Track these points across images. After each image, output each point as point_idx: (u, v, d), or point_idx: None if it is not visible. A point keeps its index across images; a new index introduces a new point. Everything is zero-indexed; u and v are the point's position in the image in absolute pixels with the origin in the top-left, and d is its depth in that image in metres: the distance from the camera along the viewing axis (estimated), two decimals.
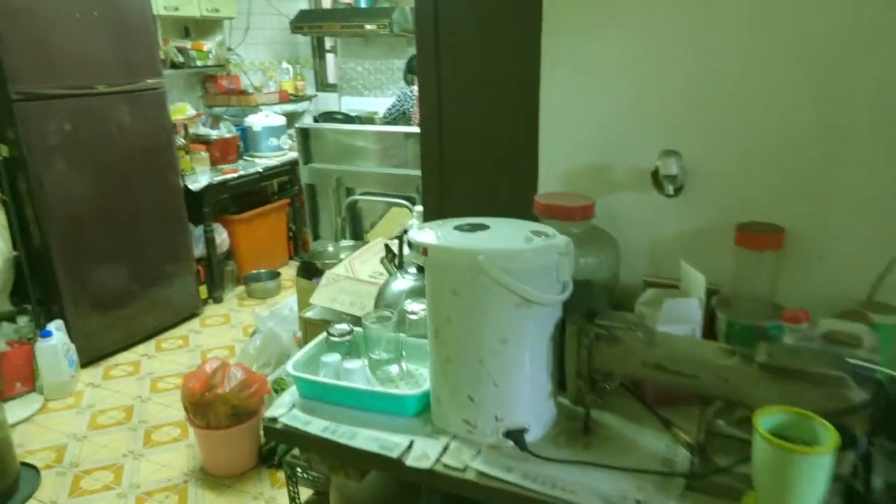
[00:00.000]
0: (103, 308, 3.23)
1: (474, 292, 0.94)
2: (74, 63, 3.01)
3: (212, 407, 2.17)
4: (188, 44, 4.23)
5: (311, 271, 2.79)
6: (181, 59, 4.08)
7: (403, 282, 1.54)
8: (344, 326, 1.38)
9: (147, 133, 3.37)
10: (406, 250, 1.65)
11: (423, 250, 1.03)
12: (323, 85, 5.65)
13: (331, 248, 2.95)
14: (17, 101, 2.81)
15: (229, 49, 4.61)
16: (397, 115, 4.14)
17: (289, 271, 4.48)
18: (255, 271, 4.20)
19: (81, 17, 3.01)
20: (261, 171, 4.16)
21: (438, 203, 1.71)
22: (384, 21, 4.52)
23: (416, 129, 3.76)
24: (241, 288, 4.17)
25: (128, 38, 3.22)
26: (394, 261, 1.67)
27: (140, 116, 3.32)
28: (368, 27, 4.57)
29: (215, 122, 4.52)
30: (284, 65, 4.91)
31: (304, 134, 3.25)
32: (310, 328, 1.94)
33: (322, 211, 3.39)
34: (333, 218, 3.22)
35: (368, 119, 4.95)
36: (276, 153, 4.36)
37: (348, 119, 5.15)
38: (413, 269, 1.57)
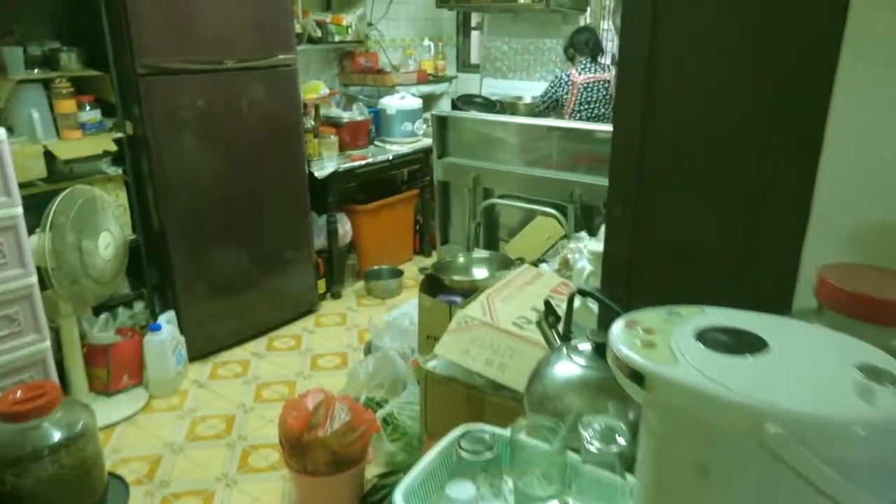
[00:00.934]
0: (218, 296, 3.03)
1: (745, 481, 0.53)
2: (205, 35, 2.77)
3: (310, 450, 1.82)
4: (328, 17, 3.94)
5: (436, 286, 2.38)
6: (319, 33, 3.80)
7: (570, 365, 1.05)
8: (484, 436, 0.94)
9: (275, 114, 3.11)
10: (579, 310, 1.17)
11: (638, 377, 0.57)
12: (464, 65, 5.22)
13: (461, 259, 2.51)
14: (144, 76, 2.61)
15: (370, 24, 4.29)
16: (550, 103, 3.64)
17: (412, 268, 4.14)
18: (376, 267, 3.89)
19: None
20: (391, 158, 3.81)
21: (630, 232, 1.19)
22: None
23: (567, 123, 3.23)
24: (361, 284, 3.87)
25: (264, 9, 2.94)
26: (556, 326, 1.18)
27: (269, 95, 3.06)
28: (522, 1, 4.05)
29: (349, 102, 4.23)
30: (426, 42, 4.51)
31: (441, 123, 2.83)
32: (432, 387, 1.51)
33: (454, 212, 2.96)
34: (467, 221, 2.79)
35: (511, 106, 4.46)
36: (409, 139, 3.99)
37: (489, 104, 4.69)
38: (586, 347, 1.07)
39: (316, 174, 3.43)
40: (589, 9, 4.40)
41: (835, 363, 0.58)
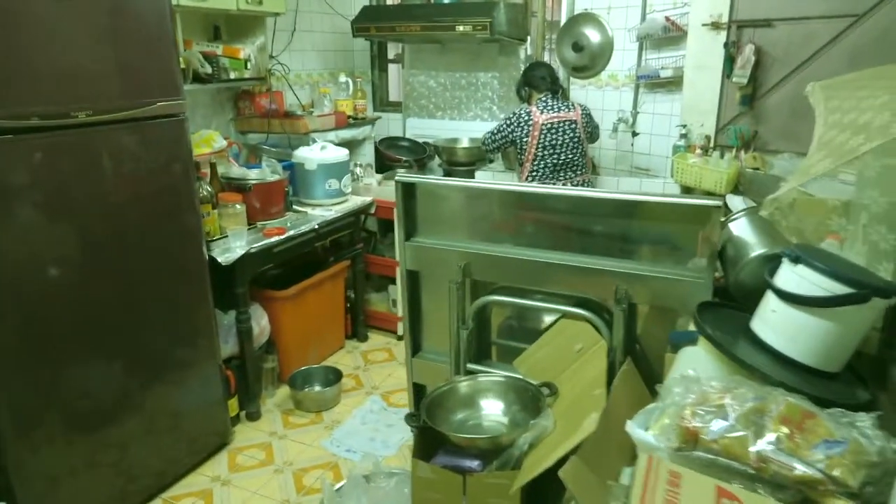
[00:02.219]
0: (78, 441, 2.05)
1: None
2: (42, 80, 1.83)
3: None
4: (218, 48, 3.05)
5: (431, 439, 1.60)
6: (208, 69, 2.90)
7: None
8: None
9: (156, 182, 2.19)
10: None
11: None
12: (382, 103, 4.50)
13: (462, 388, 1.74)
14: None
15: (272, 57, 3.43)
16: (502, 144, 2.99)
17: (347, 358, 3.29)
18: (304, 368, 3.00)
19: (60, 10, 1.83)
20: (317, 227, 2.98)
21: None
22: (484, 20, 3.33)
23: (608, 194, 2.56)
24: (285, 391, 2.96)
25: (132, 42, 2.04)
26: None
27: (147, 157, 2.15)
28: (462, 29, 3.39)
29: (252, 155, 3.34)
30: (343, 78, 3.72)
31: (408, 192, 2.04)
32: None
33: (428, 310, 2.17)
34: (450, 325, 2.01)
35: (448, 150, 3.78)
36: (335, 200, 3.19)
37: (417, 147, 4.04)
38: None
39: (220, 260, 2.52)
40: (529, 38, 3.83)
41: None
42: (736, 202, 2.76)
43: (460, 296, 1.99)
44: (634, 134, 3.62)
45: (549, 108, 3.02)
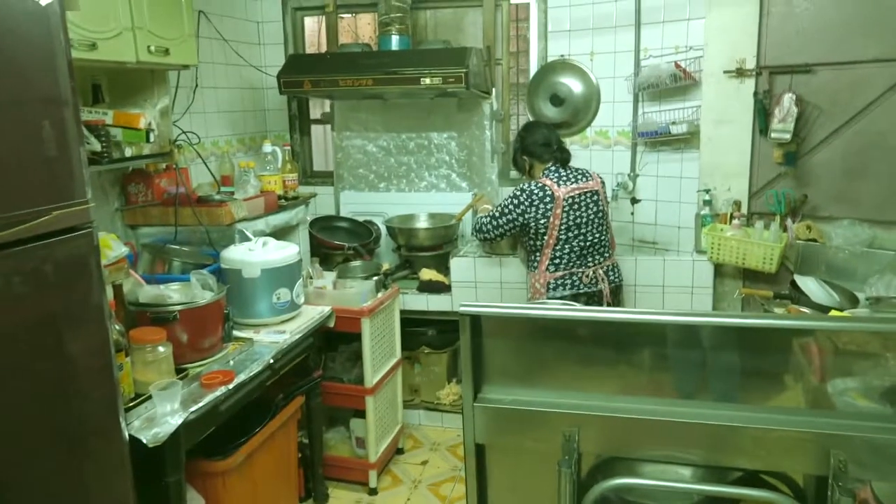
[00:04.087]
0: None
1: None
2: None
3: None
4: (107, 115, 2.31)
5: None
6: (96, 145, 2.15)
7: None
8: None
9: (49, 330, 1.43)
10: None
11: None
12: (306, 174, 3.93)
13: None
14: None
15: (174, 124, 2.72)
16: (508, 230, 2.59)
17: None
18: None
19: None
20: (271, 361, 2.27)
21: None
22: (457, 71, 2.89)
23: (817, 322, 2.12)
24: None
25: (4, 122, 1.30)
26: None
27: (34, 293, 1.38)
28: (429, 82, 2.92)
29: (159, 262, 2.56)
30: (268, 147, 3.09)
31: (476, 327, 1.45)
32: None
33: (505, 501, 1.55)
34: None
35: (404, 233, 3.36)
36: (287, 316, 2.53)
37: (361, 230, 3.60)
38: None
39: (144, 440, 1.74)
40: (494, 90, 3.44)
41: None
42: (811, 286, 2.43)
43: (573, 482, 1.40)
44: (635, 201, 3.30)
45: (565, 178, 2.60)
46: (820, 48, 2.63)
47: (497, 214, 2.64)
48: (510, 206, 2.60)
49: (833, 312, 2.18)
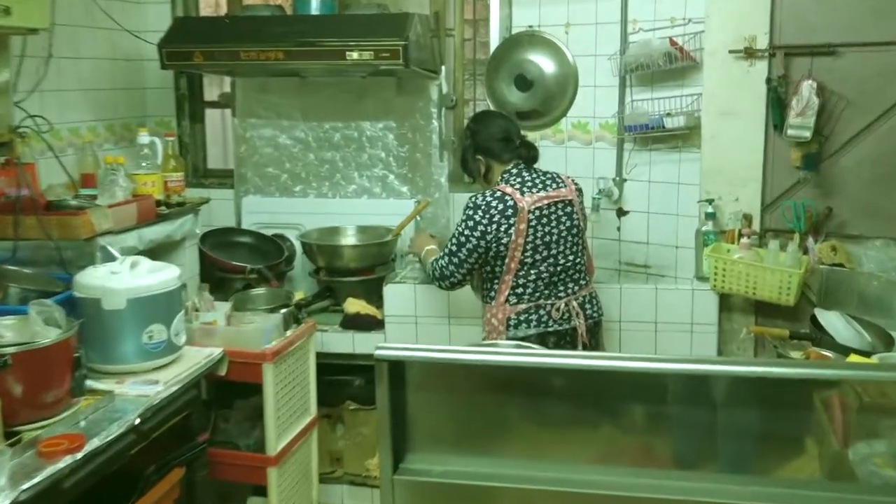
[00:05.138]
0: None
1: None
2: None
3: None
4: None
5: None
6: None
7: None
8: None
9: None
10: None
11: None
12: (198, 174, 3.93)
13: None
14: None
15: (17, 104, 2.67)
16: (476, 263, 2.60)
17: None
18: None
19: None
20: (138, 422, 2.22)
21: None
22: (393, 43, 2.92)
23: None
24: None
25: None
26: None
27: None
28: (357, 56, 2.94)
29: None
30: (145, 137, 3.06)
31: (393, 376, 1.42)
32: None
33: None
34: None
35: (325, 252, 3.41)
36: (163, 360, 2.50)
37: (270, 248, 3.63)
38: None
39: None
40: (444, 68, 3.48)
41: None
42: (836, 323, 2.49)
43: None
44: (621, 213, 3.36)
45: (530, 185, 2.61)
46: (847, 24, 2.71)
47: (453, 248, 2.62)
48: (466, 232, 2.58)
49: (854, 357, 2.23)
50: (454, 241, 2.61)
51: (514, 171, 2.66)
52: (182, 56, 3.05)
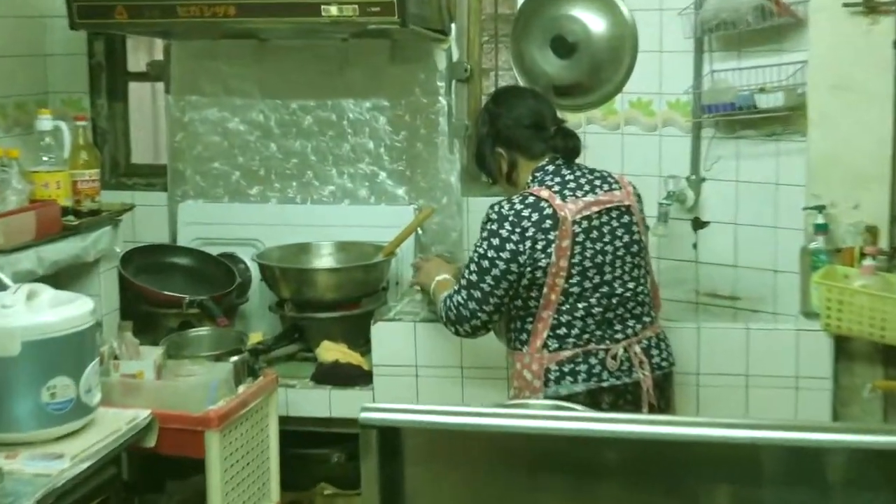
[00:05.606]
0: None
1: None
2: None
3: None
4: None
5: None
6: None
7: None
8: None
9: None
10: None
11: None
12: (118, 172, 4.05)
13: None
14: None
15: None
16: (505, 295, 2.61)
17: None
18: None
19: None
20: None
21: None
22: None
23: None
24: None
25: None
26: None
27: None
28: (336, 13, 3.04)
29: None
30: (45, 122, 3.14)
31: (386, 448, 1.50)
32: None
33: None
34: None
35: (294, 275, 3.49)
36: (69, 427, 2.58)
37: (209, 269, 3.73)
38: None
39: None
40: (455, 28, 3.55)
41: None
42: None
43: None
44: (699, 224, 3.39)
45: (570, 185, 2.65)
46: None
47: (473, 278, 2.63)
48: (490, 254, 2.60)
49: None
50: (473, 267, 2.64)
51: (550, 168, 2.69)
52: (99, 12, 3.14)
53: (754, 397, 3.01)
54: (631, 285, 2.68)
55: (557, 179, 2.66)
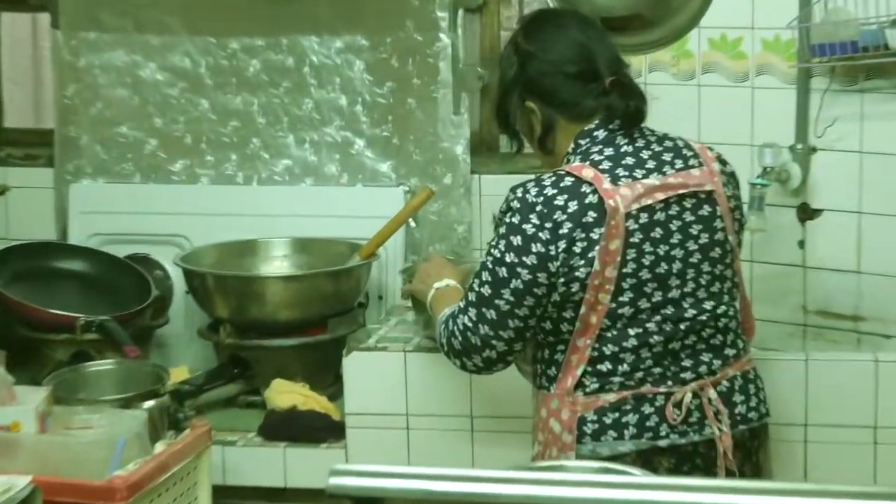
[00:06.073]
0: None
1: None
2: None
3: None
4: None
5: None
6: None
7: None
8: None
9: None
10: None
11: None
12: None
13: None
14: None
15: None
16: (531, 312, 2.58)
17: None
18: None
19: None
20: None
21: None
22: None
23: None
24: None
25: None
26: None
27: None
28: None
29: None
30: None
31: None
32: None
33: None
34: None
35: (234, 285, 3.56)
36: None
37: (113, 278, 3.78)
38: None
39: None
40: None
41: None
42: None
43: None
44: (808, 213, 3.36)
45: (626, 161, 2.63)
46: None
47: (486, 294, 2.62)
48: (509, 257, 2.58)
49: None
50: (487, 277, 2.64)
51: (600, 135, 2.67)
52: None
53: (885, 457, 3.00)
54: (708, 305, 2.65)
55: (609, 152, 2.63)
